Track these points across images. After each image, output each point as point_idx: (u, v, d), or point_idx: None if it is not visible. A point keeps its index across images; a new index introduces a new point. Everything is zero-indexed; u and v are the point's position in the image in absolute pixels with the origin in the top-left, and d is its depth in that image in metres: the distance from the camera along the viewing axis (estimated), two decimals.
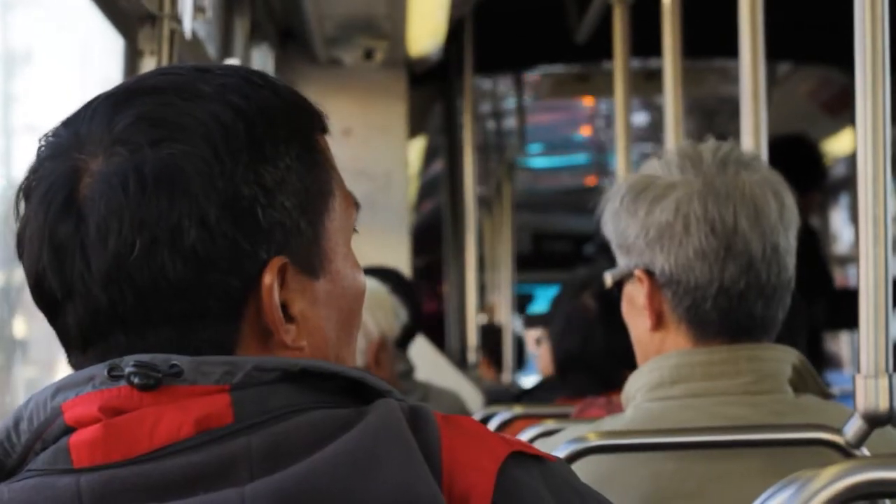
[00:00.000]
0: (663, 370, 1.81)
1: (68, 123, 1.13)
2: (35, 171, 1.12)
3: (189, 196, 1.08)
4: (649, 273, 1.83)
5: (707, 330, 1.82)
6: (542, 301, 10.94)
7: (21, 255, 1.12)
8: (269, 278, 1.10)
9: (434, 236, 7.66)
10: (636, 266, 1.84)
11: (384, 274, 3.77)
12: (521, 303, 11.14)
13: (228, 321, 1.10)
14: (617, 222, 1.86)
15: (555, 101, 7.68)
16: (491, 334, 7.38)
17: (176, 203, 1.07)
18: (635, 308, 1.86)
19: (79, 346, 1.11)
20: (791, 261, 1.84)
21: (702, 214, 1.79)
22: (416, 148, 7.80)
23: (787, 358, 1.83)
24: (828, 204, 8.58)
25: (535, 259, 10.83)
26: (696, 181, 1.81)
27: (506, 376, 6.78)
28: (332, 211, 1.16)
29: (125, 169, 1.08)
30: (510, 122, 8.19)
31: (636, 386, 1.84)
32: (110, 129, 1.10)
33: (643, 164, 1.90)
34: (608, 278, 1.88)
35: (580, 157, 9.38)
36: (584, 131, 8.57)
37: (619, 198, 1.86)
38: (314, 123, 1.18)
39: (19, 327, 2.46)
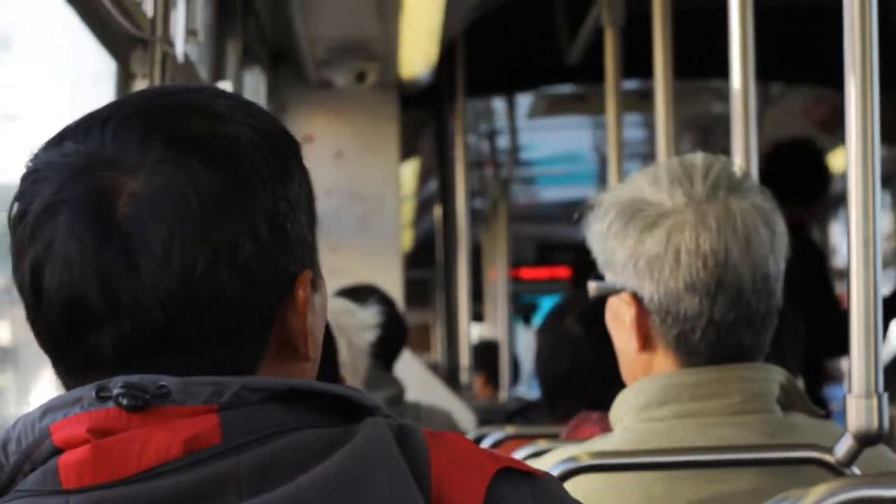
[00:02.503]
0: (651, 391, 1.81)
1: (78, 140, 1.11)
2: (56, 192, 1.09)
3: (244, 212, 1.09)
4: (637, 298, 1.82)
5: (695, 359, 1.81)
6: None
7: (38, 278, 1.09)
8: (302, 292, 1.12)
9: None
10: (623, 288, 1.82)
11: (366, 291, 3.75)
12: (526, 312, 11.26)
13: (263, 335, 1.11)
14: (604, 244, 1.84)
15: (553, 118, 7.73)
16: (487, 351, 7.35)
17: (233, 220, 1.08)
18: (621, 324, 1.85)
19: (108, 368, 1.08)
20: (779, 286, 1.83)
21: (693, 248, 1.77)
22: (411, 168, 7.83)
23: (774, 377, 1.82)
24: (827, 218, 8.58)
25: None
26: (687, 210, 1.78)
27: (502, 394, 6.73)
28: (315, 225, 1.18)
29: (180, 187, 1.07)
30: (505, 140, 8.22)
31: (624, 407, 1.84)
32: (146, 148, 1.09)
33: (630, 177, 1.88)
34: (592, 288, 1.86)
35: (584, 169, 9.40)
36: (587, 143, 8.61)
37: (606, 220, 1.83)
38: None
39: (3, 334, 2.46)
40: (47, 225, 1.08)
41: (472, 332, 6.63)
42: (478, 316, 9.13)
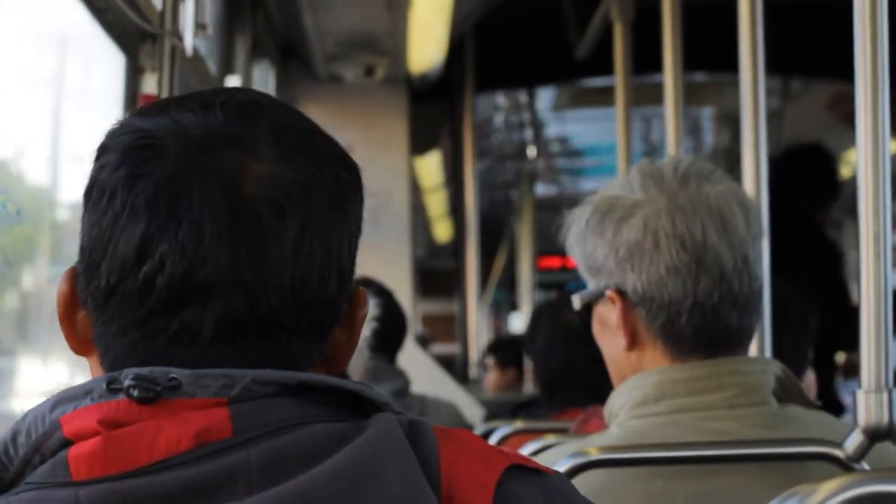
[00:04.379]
0: (646, 387, 1.81)
1: (196, 114, 1.11)
2: (183, 162, 1.08)
3: (350, 216, 1.13)
4: (621, 293, 1.82)
5: (682, 345, 1.81)
6: None
7: (149, 244, 1.07)
8: (361, 311, 1.16)
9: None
10: (606, 287, 1.83)
11: (363, 284, 3.73)
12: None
13: (327, 339, 1.14)
14: (584, 244, 1.86)
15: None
16: (514, 345, 7.33)
17: (345, 222, 1.12)
18: (608, 328, 1.86)
19: (198, 342, 1.08)
20: (760, 269, 1.84)
21: (671, 230, 1.79)
22: (433, 160, 7.84)
23: (769, 370, 1.82)
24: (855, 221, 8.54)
25: None
26: (661, 198, 1.81)
27: (526, 388, 6.70)
28: None
29: (314, 181, 1.10)
30: (529, 132, 8.24)
31: (619, 403, 1.84)
32: (276, 136, 1.11)
33: (604, 186, 1.90)
34: (577, 301, 1.88)
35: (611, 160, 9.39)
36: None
37: (583, 220, 1.86)
38: None
39: None
40: (170, 194, 1.07)
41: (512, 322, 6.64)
42: (514, 305, 9.21)
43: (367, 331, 2.96)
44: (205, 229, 1.07)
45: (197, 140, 1.09)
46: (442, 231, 9.51)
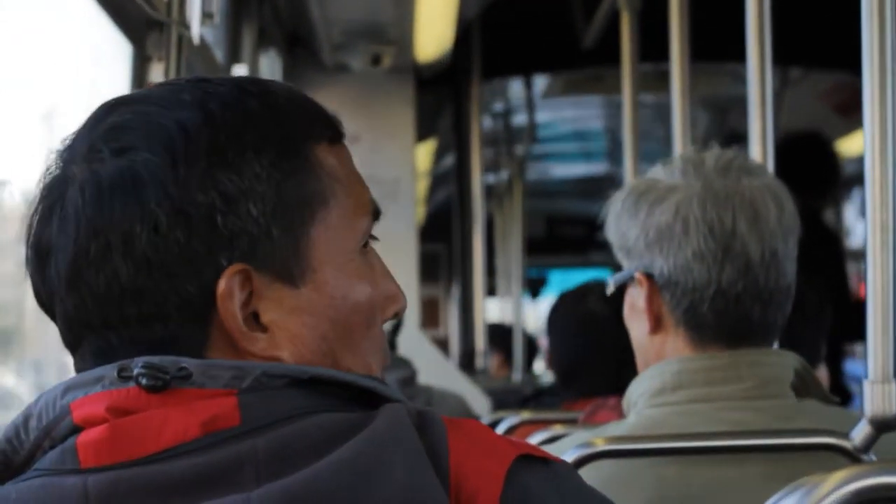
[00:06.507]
0: (665, 376, 1.81)
1: (73, 133, 1.17)
2: (44, 177, 1.16)
3: (141, 202, 1.09)
4: (649, 275, 1.83)
5: (704, 333, 1.82)
6: (556, 285, 11.08)
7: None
8: (223, 285, 1.10)
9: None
10: (636, 269, 1.84)
11: None
12: (535, 286, 11.29)
13: (193, 326, 1.10)
14: (619, 224, 1.87)
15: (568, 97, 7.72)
16: (501, 332, 7.33)
17: (128, 209, 1.09)
18: (636, 312, 1.87)
19: (68, 347, 1.14)
20: (791, 267, 1.84)
21: (700, 216, 1.80)
22: (428, 148, 7.81)
23: (789, 363, 1.83)
24: (841, 200, 8.57)
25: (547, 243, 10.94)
26: (697, 184, 1.82)
27: (515, 376, 6.71)
28: (321, 221, 1.15)
29: (86, 177, 1.11)
30: (522, 118, 8.20)
31: (638, 392, 1.85)
32: (90, 139, 1.13)
33: (650, 170, 1.91)
34: (610, 283, 1.89)
35: (595, 146, 9.39)
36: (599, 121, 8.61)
37: (620, 200, 1.88)
38: (311, 132, 1.16)
39: None
40: (34, 211, 1.15)
41: (486, 309, 6.60)
42: (490, 290, 9.16)
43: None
44: (29, 253, 1.14)
45: (61, 156, 1.15)
46: (417, 215, 9.48)
